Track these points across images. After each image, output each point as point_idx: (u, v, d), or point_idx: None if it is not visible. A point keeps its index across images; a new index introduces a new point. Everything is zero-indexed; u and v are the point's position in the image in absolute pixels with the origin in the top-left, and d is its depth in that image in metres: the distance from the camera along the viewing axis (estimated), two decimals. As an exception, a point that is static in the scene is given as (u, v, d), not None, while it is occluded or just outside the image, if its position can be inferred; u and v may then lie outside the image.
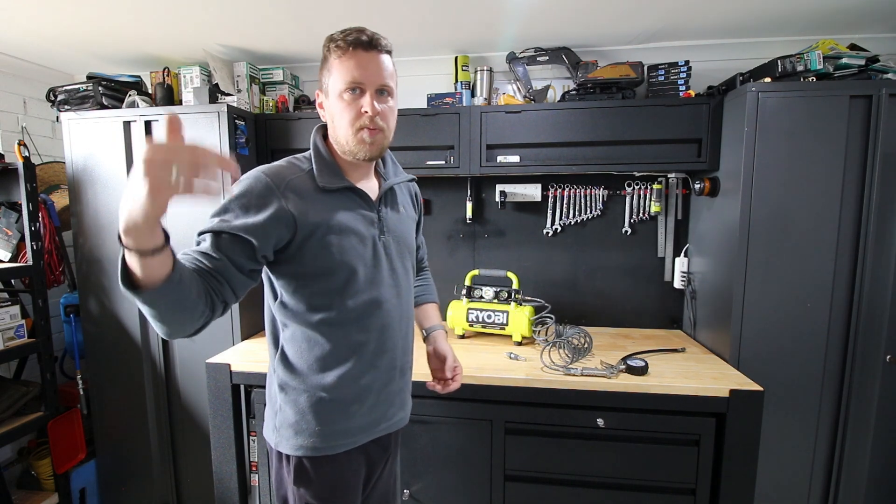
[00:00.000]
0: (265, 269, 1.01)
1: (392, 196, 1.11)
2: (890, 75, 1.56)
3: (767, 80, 1.58)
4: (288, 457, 1.04)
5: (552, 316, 1.90)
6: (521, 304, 1.90)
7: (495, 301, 1.92)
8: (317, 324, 0.99)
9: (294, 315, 1.00)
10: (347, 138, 0.97)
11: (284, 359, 1.04)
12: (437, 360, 1.25)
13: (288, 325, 1.02)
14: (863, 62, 1.57)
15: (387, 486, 1.23)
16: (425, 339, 1.29)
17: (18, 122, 2.19)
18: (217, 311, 0.87)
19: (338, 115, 0.97)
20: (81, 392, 2.12)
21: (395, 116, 1.03)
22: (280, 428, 1.04)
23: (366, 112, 0.95)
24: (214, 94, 1.93)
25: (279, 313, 1.03)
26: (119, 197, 1.93)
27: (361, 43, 0.95)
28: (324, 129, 1.07)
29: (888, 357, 1.57)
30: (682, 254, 2.01)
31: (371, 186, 1.08)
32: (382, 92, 0.98)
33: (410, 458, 1.61)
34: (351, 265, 0.98)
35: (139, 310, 1.96)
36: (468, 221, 2.15)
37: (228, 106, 1.83)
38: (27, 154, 1.88)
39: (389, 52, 1.00)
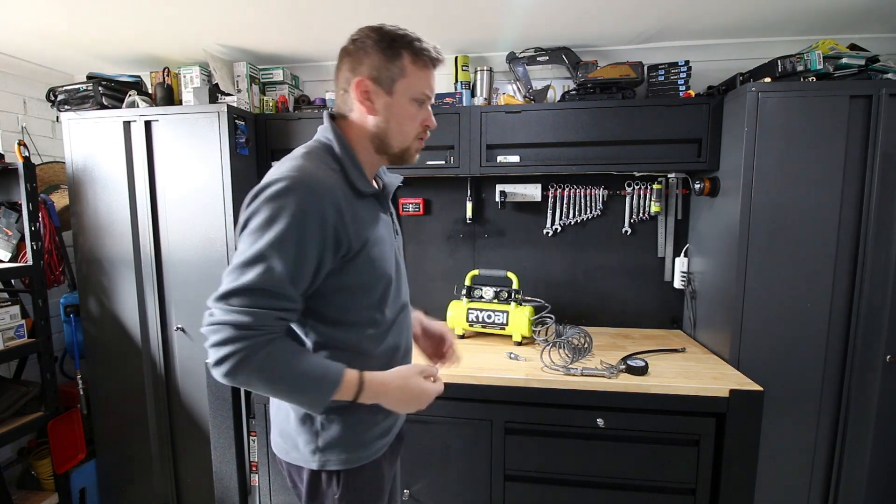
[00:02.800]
0: None
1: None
2: (890, 75, 1.56)
3: (767, 80, 1.58)
4: (337, 473, 0.98)
5: (552, 316, 1.90)
6: (521, 304, 1.90)
7: (495, 301, 1.92)
8: (361, 338, 0.96)
9: (334, 332, 0.95)
10: (403, 143, 0.96)
11: None
12: (429, 341, 1.23)
13: (327, 342, 0.95)
14: (863, 62, 1.57)
15: (397, 481, 1.25)
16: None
17: (18, 122, 2.19)
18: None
19: (404, 119, 0.95)
20: (81, 392, 2.12)
21: None
22: (326, 449, 0.97)
23: (427, 126, 0.98)
24: (214, 94, 1.93)
25: (316, 330, 0.95)
26: (119, 197, 1.94)
27: (439, 61, 0.97)
28: (332, 118, 0.99)
29: (888, 357, 1.57)
30: (682, 254, 2.01)
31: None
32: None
33: (410, 458, 1.61)
34: (388, 276, 0.97)
35: (139, 310, 1.97)
36: (468, 221, 2.15)
37: (228, 106, 1.83)
38: (27, 154, 1.88)
39: None
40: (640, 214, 2.06)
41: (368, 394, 0.90)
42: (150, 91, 2.10)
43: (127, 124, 1.91)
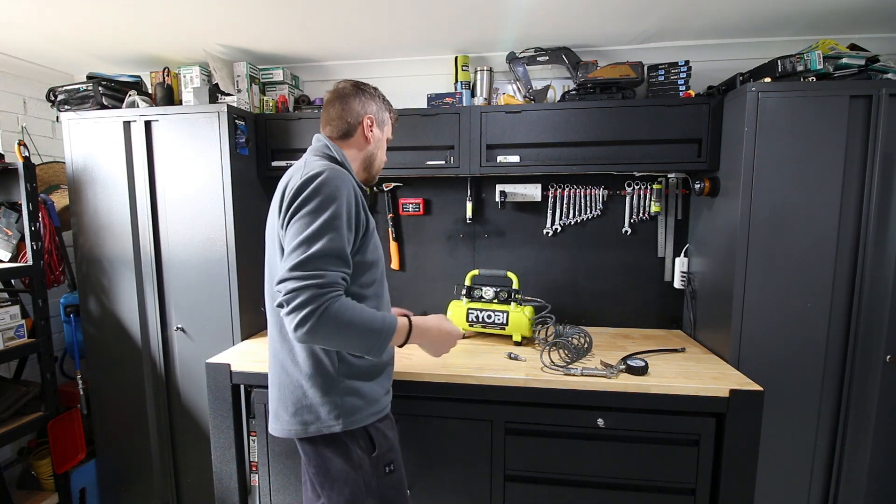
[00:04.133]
0: None
1: None
2: (890, 75, 1.55)
3: (767, 80, 1.58)
4: (363, 430, 1.16)
5: (552, 316, 1.90)
6: (521, 304, 1.90)
7: (495, 301, 1.92)
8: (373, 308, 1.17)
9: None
10: (380, 166, 1.33)
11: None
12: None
13: None
14: (863, 62, 1.57)
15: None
16: None
17: (18, 122, 2.19)
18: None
19: (382, 151, 1.32)
20: (81, 392, 2.12)
21: None
22: (350, 411, 1.14)
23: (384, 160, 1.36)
24: (214, 94, 1.93)
25: None
26: (119, 197, 1.94)
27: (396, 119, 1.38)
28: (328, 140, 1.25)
29: (888, 357, 1.57)
30: (682, 254, 2.01)
31: None
32: None
33: (410, 458, 1.61)
34: (382, 258, 1.24)
35: (139, 310, 1.97)
36: (468, 221, 2.15)
37: (228, 106, 1.83)
38: (27, 154, 1.88)
39: None
40: (640, 214, 2.06)
41: (416, 335, 1.14)
42: (150, 91, 2.10)
43: (127, 124, 1.91)
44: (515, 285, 1.92)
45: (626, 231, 2.08)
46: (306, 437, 1.15)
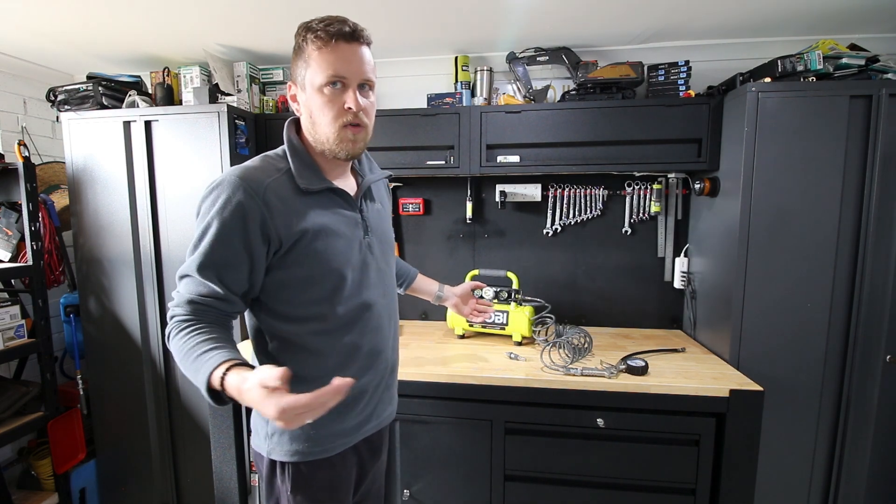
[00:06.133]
0: None
1: (370, 193, 1.08)
2: (890, 75, 1.55)
3: (767, 80, 1.58)
4: (283, 464, 1.00)
5: (552, 316, 1.90)
6: (521, 304, 1.90)
7: (495, 301, 1.92)
8: (309, 334, 0.96)
9: (282, 327, 0.97)
10: (328, 136, 0.93)
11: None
12: (465, 303, 1.49)
13: (276, 336, 0.98)
14: (863, 62, 1.57)
15: (377, 486, 1.22)
16: (443, 300, 1.48)
17: (18, 122, 2.19)
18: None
19: (317, 111, 0.92)
20: (81, 392, 2.12)
21: (374, 112, 1.00)
22: (273, 435, 0.99)
23: (349, 108, 0.91)
24: (214, 94, 1.93)
25: (266, 325, 0.98)
26: (119, 197, 1.93)
27: (344, 34, 0.89)
28: (296, 124, 1.02)
29: (888, 357, 1.57)
30: (682, 254, 2.01)
31: (349, 185, 1.04)
32: (364, 86, 0.94)
33: (410, 458, 1.61)
34: (339, 271, 0.95)
35: (139, 310, 1.97)
36: (468, 221, 2.15)
37: (228, 106, 1.83)
38: (27, 154, 1.88)
39: (369, 44, 0.95)
40: (640, 214, 2.06)
41: (232, 395, 0.79)
42: (150, 91, 2.10)
43: (127, 124, 1.91)
44: (515, 285, 1.92)
45: (626, 231, 2.08)
46: (252, 446, 1.06)
